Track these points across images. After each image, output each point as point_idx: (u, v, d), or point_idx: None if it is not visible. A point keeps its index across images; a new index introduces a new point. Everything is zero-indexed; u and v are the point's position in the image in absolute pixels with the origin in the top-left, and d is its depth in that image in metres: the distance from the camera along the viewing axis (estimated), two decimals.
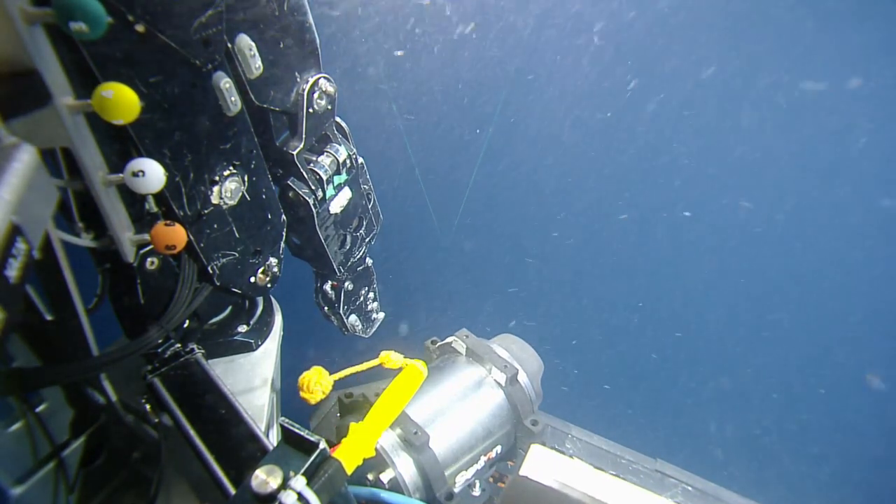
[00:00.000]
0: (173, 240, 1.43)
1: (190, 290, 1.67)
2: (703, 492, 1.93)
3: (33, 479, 1.52)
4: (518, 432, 1.72)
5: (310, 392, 1.38)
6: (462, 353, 1.82)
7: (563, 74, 4.88)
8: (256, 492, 0.96)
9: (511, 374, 1.70)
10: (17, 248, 0.86)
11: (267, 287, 1.92)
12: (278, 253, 1.91)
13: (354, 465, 1.14)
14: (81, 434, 1.67)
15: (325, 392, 1.39)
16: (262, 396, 1.85)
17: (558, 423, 2.16)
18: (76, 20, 1.06)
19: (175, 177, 1.47)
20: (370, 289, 2.42)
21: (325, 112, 1.81)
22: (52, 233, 1.29)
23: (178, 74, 1.37)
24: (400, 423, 1.50)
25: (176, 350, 1.71)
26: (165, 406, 1.57)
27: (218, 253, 1.70)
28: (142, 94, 1.27)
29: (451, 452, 1.56)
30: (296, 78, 1.69)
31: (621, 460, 2.01)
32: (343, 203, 2.00)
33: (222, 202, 1.62)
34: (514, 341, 1.89)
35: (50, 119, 1.18)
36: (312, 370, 1.40)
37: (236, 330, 1.98)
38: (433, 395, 1.64)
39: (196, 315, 1.82)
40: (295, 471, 0.99)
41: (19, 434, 1.51)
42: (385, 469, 1.46)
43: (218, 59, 1.42)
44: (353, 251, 2.18)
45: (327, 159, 1.89)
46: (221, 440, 1.46)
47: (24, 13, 1.06)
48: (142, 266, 1.55)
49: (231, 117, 1.53)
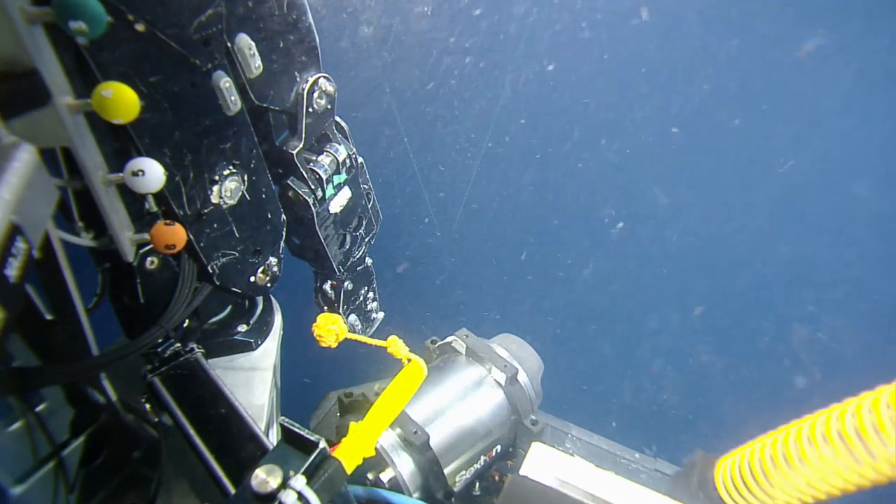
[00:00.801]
0: (173, 239, 1.43)
1: (190, 290, 1.67)
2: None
3: (33, 478, 1.52)
4: (518, 432, 1.72)
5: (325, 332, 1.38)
6: (462, 353, 1.82)
7: (565, 71, 4.87)
8: (256, 491, 0.96)
9: (511, 374, 1.70)
10: (17, 248, 0.86)
11: (267, 287, 1.92)
12: (278, 252, 1.91)
13: (354, 465, 1.14)
14: (81, 434, 1.67)
15: (340, 337, 1.40)
16: (262, 396, 1.85)
17: (558, 423, 2.16)
18: (76, 19, 1.06)
19: (175, 176, 1.47)
20: (370, 288, 2.42)
21: (324, 111, 1.81)
22: (51, 232, 1.29)
23: (178, 74, 1.37)
24: (400, 423, 1.50)
25: (176, 349, 1.71)
26: (165, 406, 1.57)
27: (218, 252, 1.70)
28: (141, 93, 1.27)
29: (451, 452, 1.56)
30: (295, 77, 1.69)
31: (621, 459, 2.01)
32: (343, 203, 2.00)
33: (222, 202, 1.62)
34: (514, 341, 1.90)
35: (50, 119, 1.18)
36: (324, 315, 1.41)
37: (236, 329, 1.98)
38: (433, 395, 1.64)
39: (196, 314, 1.82)
40: (295, 470, 0.99)
41: (19, 434, 1.51)
42: (385, 468, 1.46)
43: (218, 58, 1.42)
44: (353, 251, 2.18)
45: (327, 159, 1.89)
46: (221, 440, 1.46)
47: (24, 12, 1.05)
48: (141, 265, 1.55)
49: (231, 117, 1.53)
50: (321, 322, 1.40)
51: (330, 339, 1.39)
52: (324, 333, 1.39)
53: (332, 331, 1.39)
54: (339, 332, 1.40)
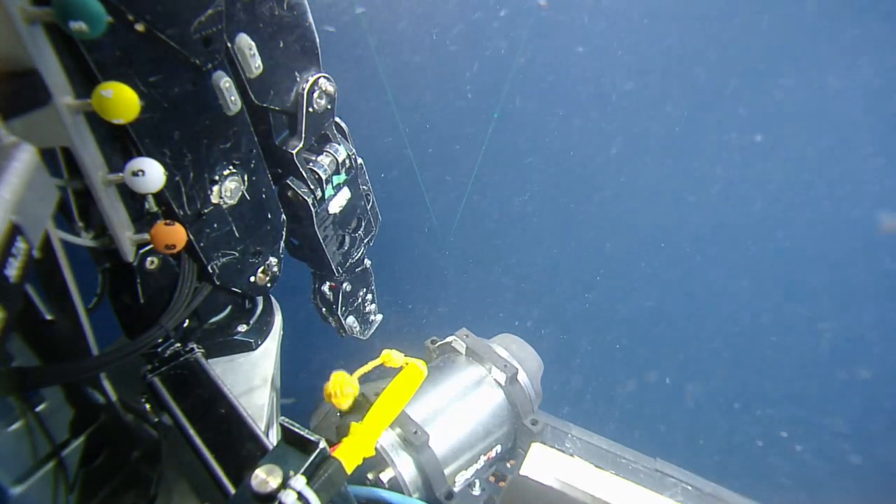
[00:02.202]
0: (173, 239, 1.44)
1: (190, 290, 1.67)
2: (702, 491, 1.93)
3: (33, 478, 1.52)
4: (518, 432, 1.72)
5: (341, 397, 1.37)
6: (462, 353, 1.82)
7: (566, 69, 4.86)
8: (256, 491, 0.96)
9: (511, 374, 1.70)
10: (17, 248, 0.86)
11: (267, 287, 1.92)
12: (278, 252, 1.91)
13: (354, 465, 1.14)
14: (81, 433, 1.67)
15: (355, 393, 1.39)
16: (262, 396, 1.85)
17: (558, 423, 2.16)
18: (76, 19, 1.06)
19: (175, 176, 1.47)
20: (368, 290, 2.42)
21: (324, 112, 1.81)
22: (52, 232, 1.29)
23: (178, 74, 1.37)
24: (400, 423, 1.50)
25: (176, 349, 1.71)
26: (165, 405, 1.57)
27: (218, 252, 1.70)
28: (141, 93, 1.27)
29: (450, 452, 1.56)
30: (295, 77, 1.69)
31: (621, 459, 2.01)
32: (342, 203, 2.00)
33: (222, 202, 1.62)
34: (514, 341, 1.90)
35: (50, 118, 1.18)
36: (334, 375, 1.39)
37: (236, 329, 1.98)
38: (433, 395, 1.64)
39: (196, 314, 1.82)
40: (295, 470, 0.99)
41: (19, 433, 1.51)
42: (385, 468, 1.46)
43: (218, 58, 1.42)
44: (352, 252, 2.18)
45: (326, 159, 1.89)
46: (221, 440, 1.46)
47: (24, 12, 1.06)
48: (141, 265, 1.56)
49: (231, 117, 1.53)
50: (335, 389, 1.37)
51: (346, 402, 1.39)
52: (341, 401, 1.38)
53: (349, 395, 1.38)
54: (355, 391, 1.39)
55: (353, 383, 1.39)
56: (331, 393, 1.38)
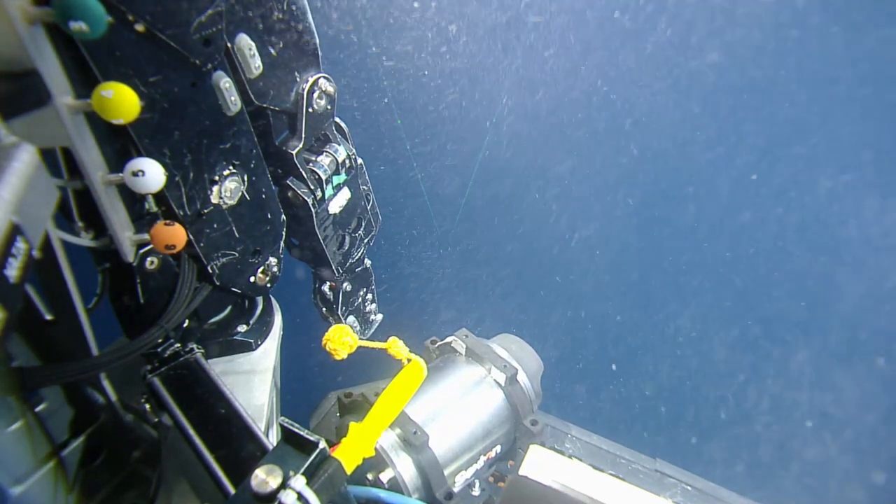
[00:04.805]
0: (173, 239, 1.43)
1: (190, 290, 1.67)
2: (702, 492, 1.93)
3: (33, 478, 1.51)
4: (517, 432, 1.72)
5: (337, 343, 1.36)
6: (462, 353, 1.82)
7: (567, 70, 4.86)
8: (256, 491, 0.96)
9: (510, 374, 1.70)
10: (17, 248, 0.86)
11: (266, 287, 1.92)
12: (278, 253, 1.91)
13: (354, 465, 1.14)
14: (81, 434, 1.66)
15: (353, 346, 1.38)
16: (261, 396, 1.85)
17: (558, 423, 2.16)
18: (76, 19, 1.06)
19: (175, 176, 1.47)
20: (368, 290, 2.42)
21: (324, 112, 1.81)
22: (52, 232, 1.29)
23: (178, 74, 1.37)
24: (399, 423, 1.50)
25: (175, 350, 1.71)
26: (165, 406, 1.57)
27: (218, 252, 1.70)
28: (141, 93, 1.27)
29: (450, 452, 1.56)
30: (295, 78, 1.69)
31: (620, 460, 2.01)
32: (342, 203, 2.00)
33: (222, 202, 1.62)
34: (514, 341, 1.90)
35: (50, 119, 1.18)
36: (336, 326, 1.39)
37: (236, 329, 1.98)
38: (433, 395, 1.64)
39: (196, 315, 1.82)
40: (294, 470, 0.99)
41: (19, 434, 1.51)
42: (385, 469, 1.46)
43: (218, 58, 1.42)
44: (352, 252, 2.18)
45: (326, 159, 1.89)
46: (221, 440, 1.46)
47: (25, 12, 1.06)
48: (141, 266, 1.56)
49: (231, 117, 1.53)
50: (333, 335, 1.38)
51: (343, 352, 1.38)
52: (337, 346, 1.38)
53: (346, 343, 1.37)
54: (353, 343, 1.39)
55: (354, 336, 1.38)
56: (329, 338, 1.37)
